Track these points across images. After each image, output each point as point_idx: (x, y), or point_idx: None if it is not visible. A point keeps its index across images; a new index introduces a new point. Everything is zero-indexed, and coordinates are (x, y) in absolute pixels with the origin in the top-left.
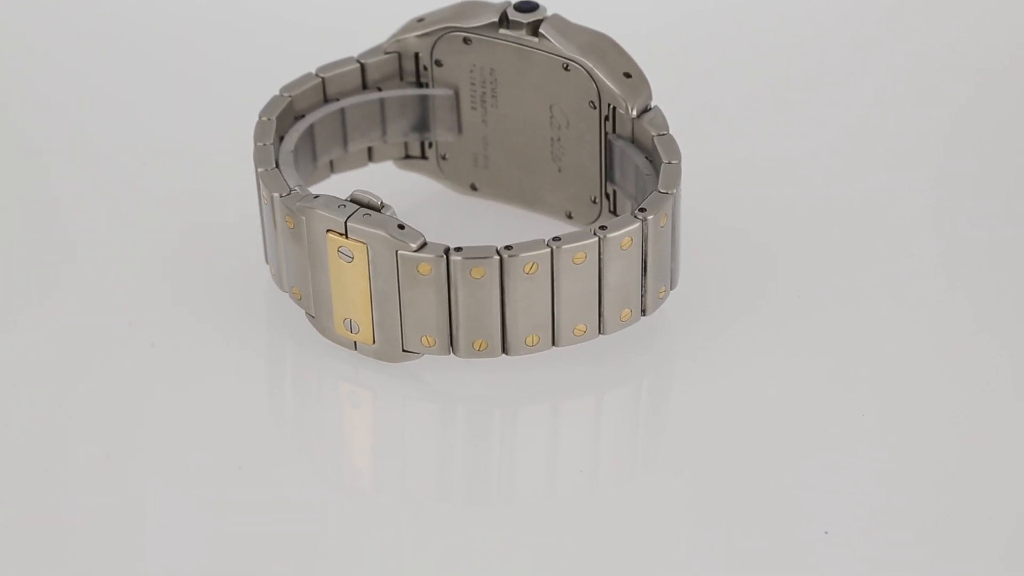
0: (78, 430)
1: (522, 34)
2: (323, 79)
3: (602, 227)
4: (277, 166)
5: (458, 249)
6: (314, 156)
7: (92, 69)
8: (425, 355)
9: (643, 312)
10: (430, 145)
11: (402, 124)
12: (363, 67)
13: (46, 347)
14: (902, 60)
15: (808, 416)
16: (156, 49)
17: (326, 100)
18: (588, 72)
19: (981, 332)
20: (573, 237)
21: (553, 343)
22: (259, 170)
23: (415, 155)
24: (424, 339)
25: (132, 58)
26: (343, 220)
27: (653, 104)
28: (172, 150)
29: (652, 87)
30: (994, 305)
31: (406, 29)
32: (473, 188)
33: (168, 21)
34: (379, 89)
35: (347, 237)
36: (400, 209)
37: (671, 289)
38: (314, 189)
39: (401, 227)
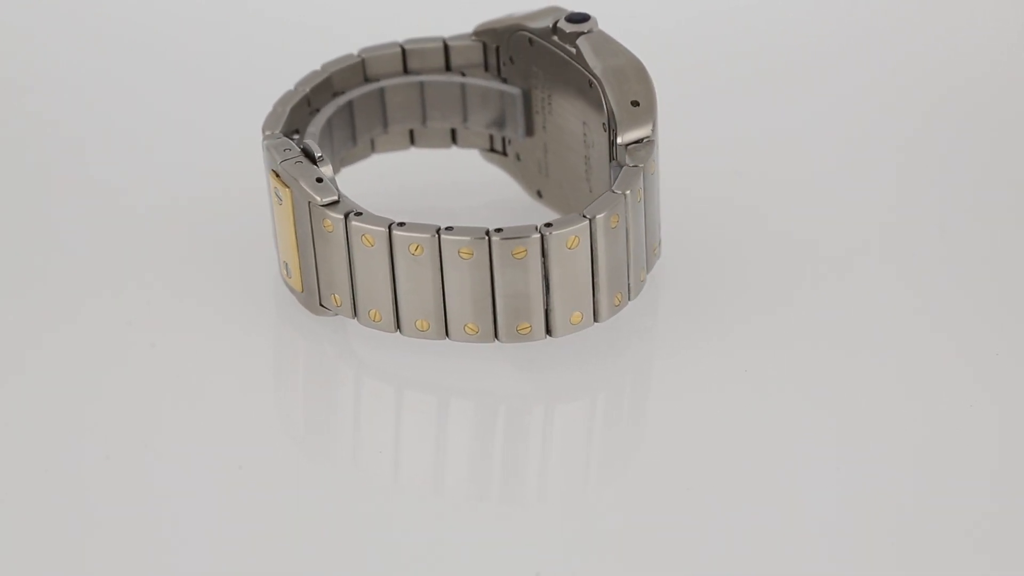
0: (78, 430)
1: (567, 44)
2: (404, 49)
3: (547, 224)
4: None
5: (358, 214)
6: (385, 124)
7: (93, 68)
8: (338, 315)
9: (595, 318)
10: (509, 142)
11: (483, 115)
12: (447, 48)
13: (46, 347)
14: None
15: (796, 409)
16: (158, 45)
17: (405, 71)
18: (603, 93)
19: (973, 316)
20: (512, 232)
21: (447, 335)
22: (265, 133)
23: (498, 149)
24: (334, 297)
25: (133, 56)
26: (279, 162)
27: (650, 137)
28: (177, 143)
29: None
30: (987, 292)
31: (492, 20)
32: (539, 195)
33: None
34: (462, 74)
35: (279, 178)
36: (466, 204)
37: (629, 299)
38: (388, 157)
39: (319, 180)
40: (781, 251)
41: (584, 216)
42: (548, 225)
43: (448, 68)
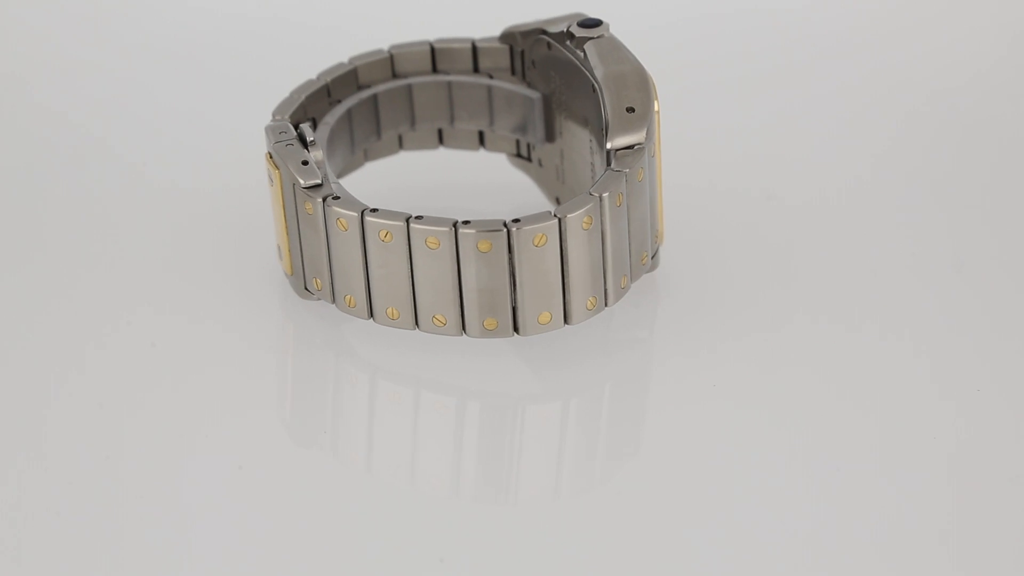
0: (78, 431)
1: (577, 49)
2: (433, 48)
3: (514, 220)
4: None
5: (336, 198)
6: (412, 121)
7: (96, 67)
8: (321, 299)
9: (566, 320)
10: (532, 147)
11: (508, 118)
12: (475, 50)
13: (47, 347)
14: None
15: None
16: (163, 44)
17: (434, 70)
18: (600, 98)
19: (976, 322)
20: (478, 225)
21: (416, 325)
22: (275, 118)
23: (524, 155)
24: (316, 281)
25: (137, 56)
26: (271, 143)
27: (642, 144)
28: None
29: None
30: (988, 297)
31: (518, 24)
32: (558, 202)
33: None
34: (490, 77)
35: (271, 160)
36: (491, 207)
37: (606, 304)
38: (418, 155)
39: (305, 163)
40: (781, 258)
41: (554, 215)
42: (516, 221)
43: (476, 70)
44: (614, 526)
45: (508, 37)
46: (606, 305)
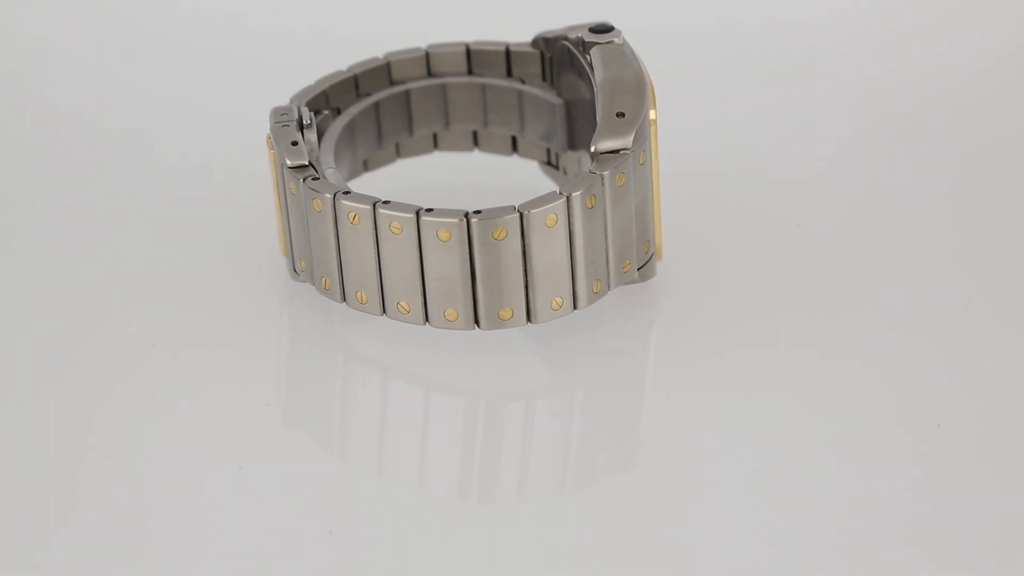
0: (78, 431)
1: (587, 55)
2: (469, 49)
3: (476, 212)
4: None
5: (316, 179)
6: (447, 121)
7: (100, 67)
8: (306, 281)
9: (528, 318)
10: (558, 155)
11: (536, 125)
12: (509, 54)
13: (46, 347)
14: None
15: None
16: (170, 45)
17: (470, 72)
18: (596, 102)
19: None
20: (440, 213)
21: (383, 311)
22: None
23: (553, 163)
24: (300, 262)
25: (143, 57)
26: (271, 124)
27: (627, 150)
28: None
29: None
30: (996, 301)
31: (547, 31)
32: None
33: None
34: (522, 82)
35: (268, 141)
36: None
37: (575, 307)
38: (451, 156)
39: (294, 144)
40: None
41: (516, 209)
42: (477, 212)
43: (509, 74)
44: (589, 531)
45: (537, 43)
46: (575, 308)
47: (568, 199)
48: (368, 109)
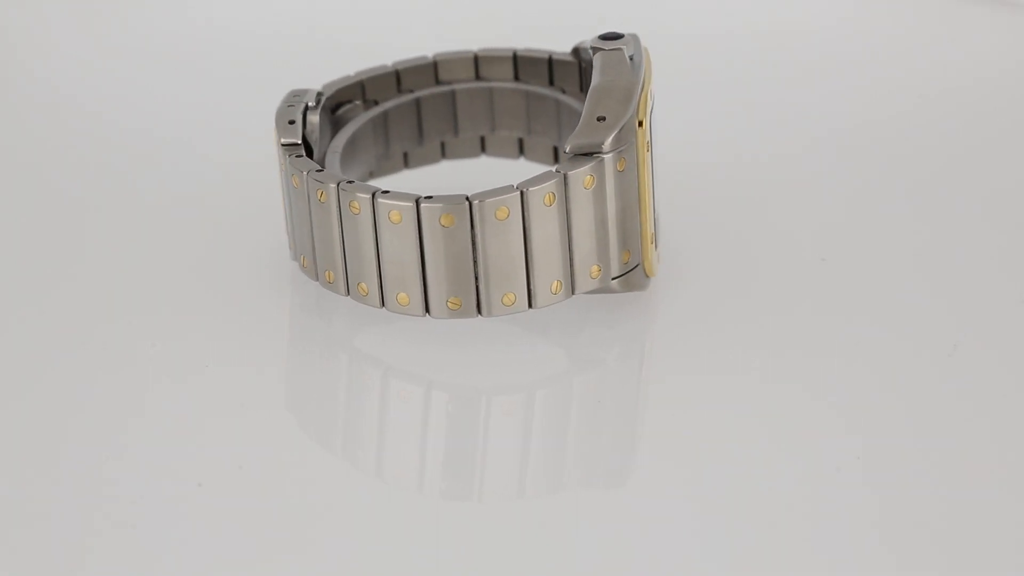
0: (78, 431)
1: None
2: (516, 55)
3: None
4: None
5: (298, 156)
6: (493, 126)
7: (107, 68)
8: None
9: (479, 310)
10: None
11: (570, 133)
12: (551, 62)
13: (45, 347)
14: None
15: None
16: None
17: (516, 78)
18: (584, 107)
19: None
20: (394, 196)
21: (347, 291)
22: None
23: None
24: (303, 259)
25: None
26: (280, 103)
27: (600, 153)
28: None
29: None
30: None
31: (583, 41)
32: None
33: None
34: (563, 91)
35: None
36: None
37: (530, 306)
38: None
39: (291, 123)
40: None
41: (467, 198)
42: (428, 198)
43: (551, 83)
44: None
45: (574, 52)
46: (530, 306)
47: (523, 193)
48: (408, 104)
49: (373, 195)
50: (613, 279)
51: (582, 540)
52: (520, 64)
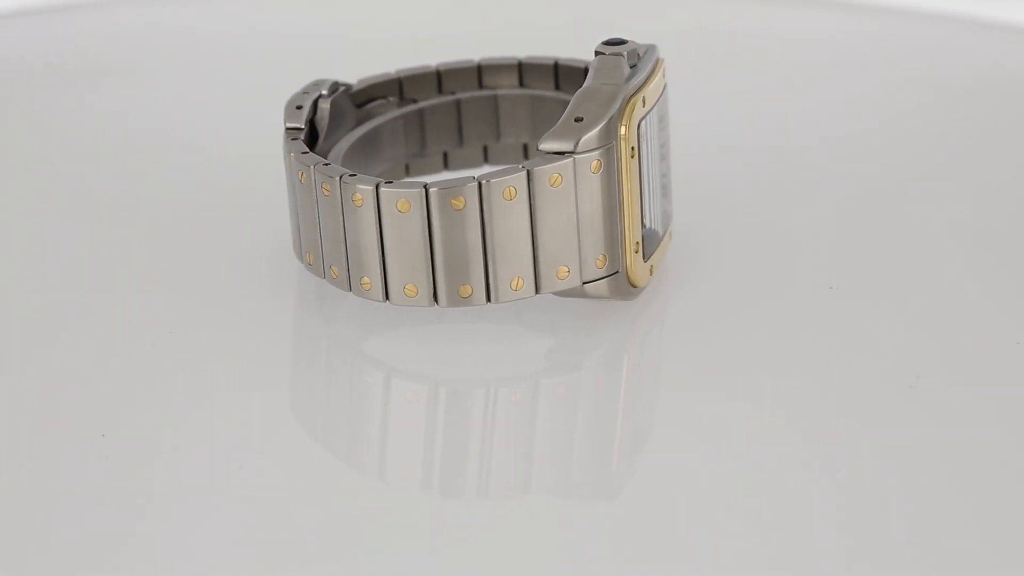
0: (77, 431)
1: None
2: (557, 65)
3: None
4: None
5: (295, 138)
6: (498, 135)
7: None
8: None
9: (435, 299)
10: None
11: None
12: (557, 68)
13: (47, 343)
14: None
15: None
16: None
17: (558, 87)
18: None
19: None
20: (356, 180)
21: (323, 275)
22: None
23: None
24: (308, 256)
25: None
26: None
27: (572, 153)
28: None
29: None
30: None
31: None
32: None
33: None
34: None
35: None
36: None
37: (488, 300)
38: None
39: (299, 108)
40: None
41: (424, 186)
42: (388, 183)
43: (558, 87)
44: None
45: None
46: (488, 300)
47: (480, 185)
48: (449, 105)
49: (340, 178)
50: (586, 283)
51: (539, 544)
52: (561, 73)
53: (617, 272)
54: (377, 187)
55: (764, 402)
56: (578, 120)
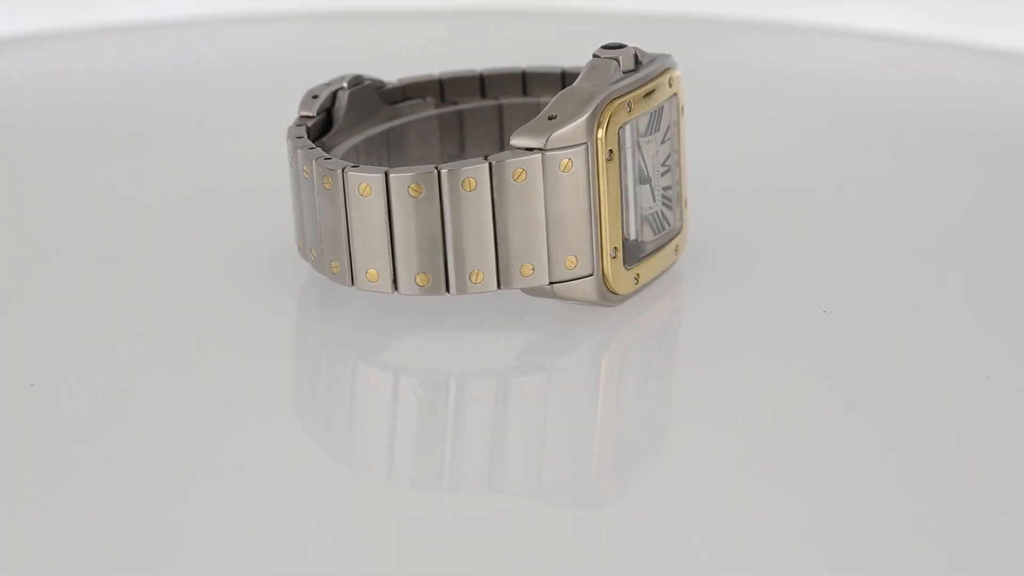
0: (77, 431)
1: None
2: (563, 72)
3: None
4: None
5: (301, 125)
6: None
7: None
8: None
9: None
10: None
11: None
12: (564, 76)
13: (48, 342)
14: None
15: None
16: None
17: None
18: None
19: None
20: (329, 164)
21: (352, 282)
22: None
23: None
24: (312, 252)
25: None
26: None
27: (541, 149)
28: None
29: None
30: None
31: None
32: None
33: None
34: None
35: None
36: None
37: (447, 290)
38: None
39: (315, 97)
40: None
41: (385, 172)
42: (355, 167)
43: None
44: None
45: None
46: (447, 291)
47: (439, 174)
48: (490, 109)
49: (316, 160)
50: (554, 283)
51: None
52: (528, 80)
53: (591, 275)
54: (343, 171)
55: (737, 414)
56: (552, 118)
